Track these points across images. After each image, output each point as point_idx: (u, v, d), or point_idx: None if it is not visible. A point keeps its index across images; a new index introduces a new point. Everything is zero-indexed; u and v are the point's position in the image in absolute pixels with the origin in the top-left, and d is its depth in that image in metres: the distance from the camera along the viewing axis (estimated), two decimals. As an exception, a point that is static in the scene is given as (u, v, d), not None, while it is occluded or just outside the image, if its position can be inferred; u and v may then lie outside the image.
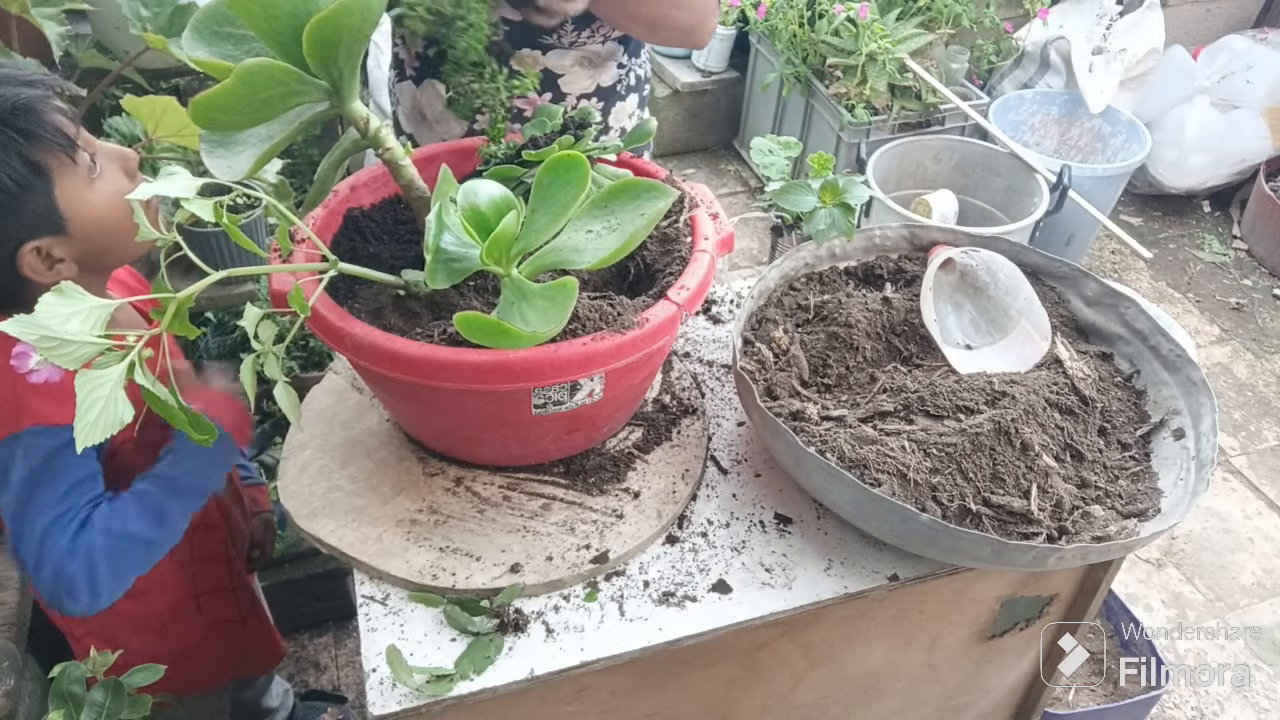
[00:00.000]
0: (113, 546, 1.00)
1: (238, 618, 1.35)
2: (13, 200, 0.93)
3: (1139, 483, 1.11)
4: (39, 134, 0.93)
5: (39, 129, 0.93)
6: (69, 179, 0.97)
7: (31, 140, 0.93)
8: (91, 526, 1.00)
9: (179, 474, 1.07)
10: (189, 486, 1.07)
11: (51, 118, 0.95)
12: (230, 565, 1.33)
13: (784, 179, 1.34)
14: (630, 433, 1.22)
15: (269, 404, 1.92)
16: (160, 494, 1.05)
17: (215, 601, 1.31)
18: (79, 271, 1.00)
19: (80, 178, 0.98)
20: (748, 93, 3.61)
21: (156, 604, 1.24)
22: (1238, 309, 3.16)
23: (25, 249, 0.95)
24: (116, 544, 1.01)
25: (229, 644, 1.35)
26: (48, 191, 0.95)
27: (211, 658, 1.31)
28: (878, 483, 1.02)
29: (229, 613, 1.33)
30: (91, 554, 0.99)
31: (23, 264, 0.96)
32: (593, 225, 0.95)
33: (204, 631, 1.29)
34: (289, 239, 1.01)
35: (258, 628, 1.41)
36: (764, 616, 1.04)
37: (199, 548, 1.27)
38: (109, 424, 0.76)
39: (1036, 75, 3.37)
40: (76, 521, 1.00)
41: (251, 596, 1.39)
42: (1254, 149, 3.37)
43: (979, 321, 1.31)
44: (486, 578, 1.04)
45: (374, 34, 0.92)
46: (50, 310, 0.75)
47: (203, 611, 1.29)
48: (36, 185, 0.94)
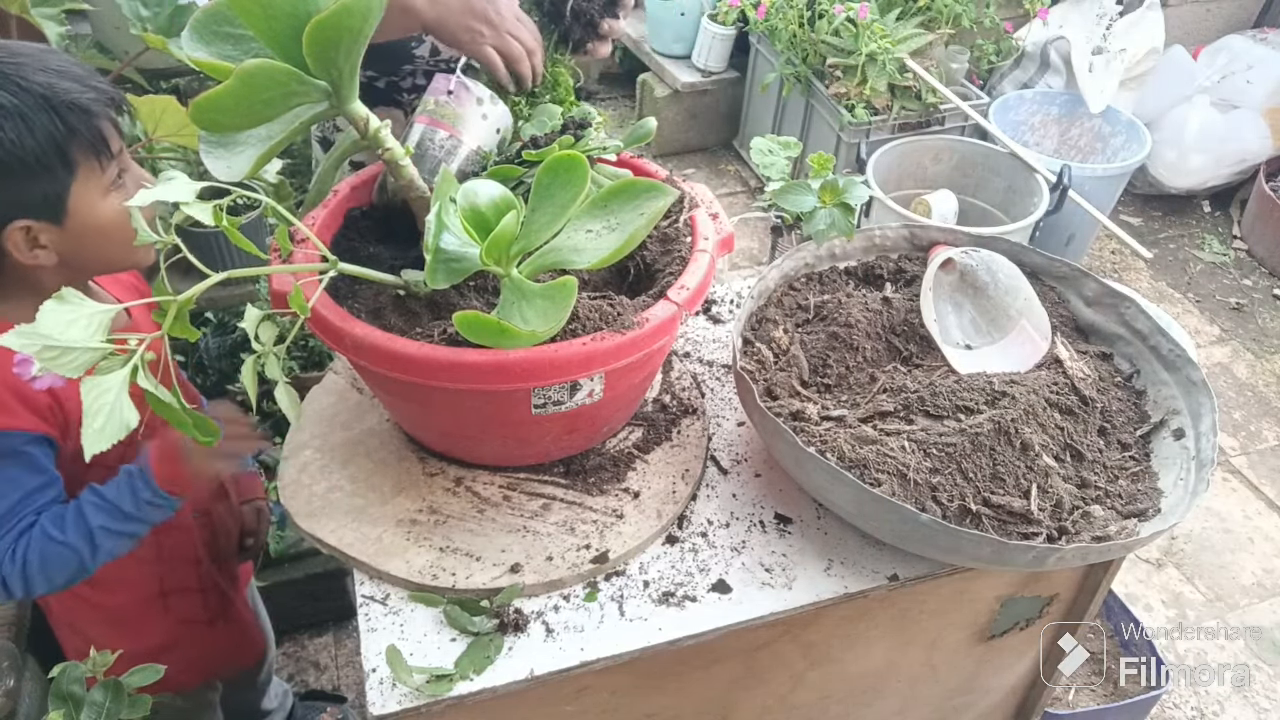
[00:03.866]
0: (46, 550, 1.03)
1: (205, 619, 1.33)
2: (29, 177, 0.96)
3: (1139, 483, 1.11)
4: (81, 132, 0.97)
5: (83, 128, 0.97)
6: (89, 181, 1.00)
7: (73, 135, 0.97)
8: (33, 529, 1.03)
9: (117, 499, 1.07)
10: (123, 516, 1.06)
11: (99, 124, 0.99)
12: (199, 566, 1.31)
13: (784, 179, 1.34)
14: (630, 433, 1.22)
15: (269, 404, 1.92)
16: (94, 514, 1.05)
17: (183, 601, 1.30)
18: (56, 263, 1.02)
19: (100, 184, 1.01)
20: (748, 93, 3.61)
21: (119, 598, 1.24)
22: (1238, 309, 3.16)
23: (16, 225, 0.98)
24: (50, 548, 1.03)
25: (198, 645, 1.33)
26: (65, 184, 0.98)
27: (180, 659, 1.29)
28: (878, 483, 1.02)
29: (196, 614, 1.32)
30: (28, 554, 1.03)
31: (7, 237, 0.98)
32: (592, 225, 0.95)
33: (171, 631, 1.28)
34: (289, 239, 1.01)
35: (228, 630, 1.38)
36: (764, 616, 1.04)
37: (167, 547, 1.26)
38: (116, 430, 0.76)
39: (1036, 75, 3.37)
40: (21, 525, 1.03)
41: (223, 598, 1.37)
42: (1254, 149, 3.37)
43: (979, 321, 1.31)
44: (486, 578, 1.04)
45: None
46: (51, 318, 0.75)
47: (169, 611, 1.28)
48: (58, 174, 0.97)
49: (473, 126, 1.16)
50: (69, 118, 0.96)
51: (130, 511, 1.06)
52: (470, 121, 1.16)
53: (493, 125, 1.18)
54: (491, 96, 1.19)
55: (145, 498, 1.05)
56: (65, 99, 0.96)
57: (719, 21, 3.44)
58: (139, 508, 1.06)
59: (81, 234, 1.01)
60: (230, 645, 1.42)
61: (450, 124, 1.15)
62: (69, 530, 1.04)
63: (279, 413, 0.99)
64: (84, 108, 0.97)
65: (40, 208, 0.98)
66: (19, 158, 0.94)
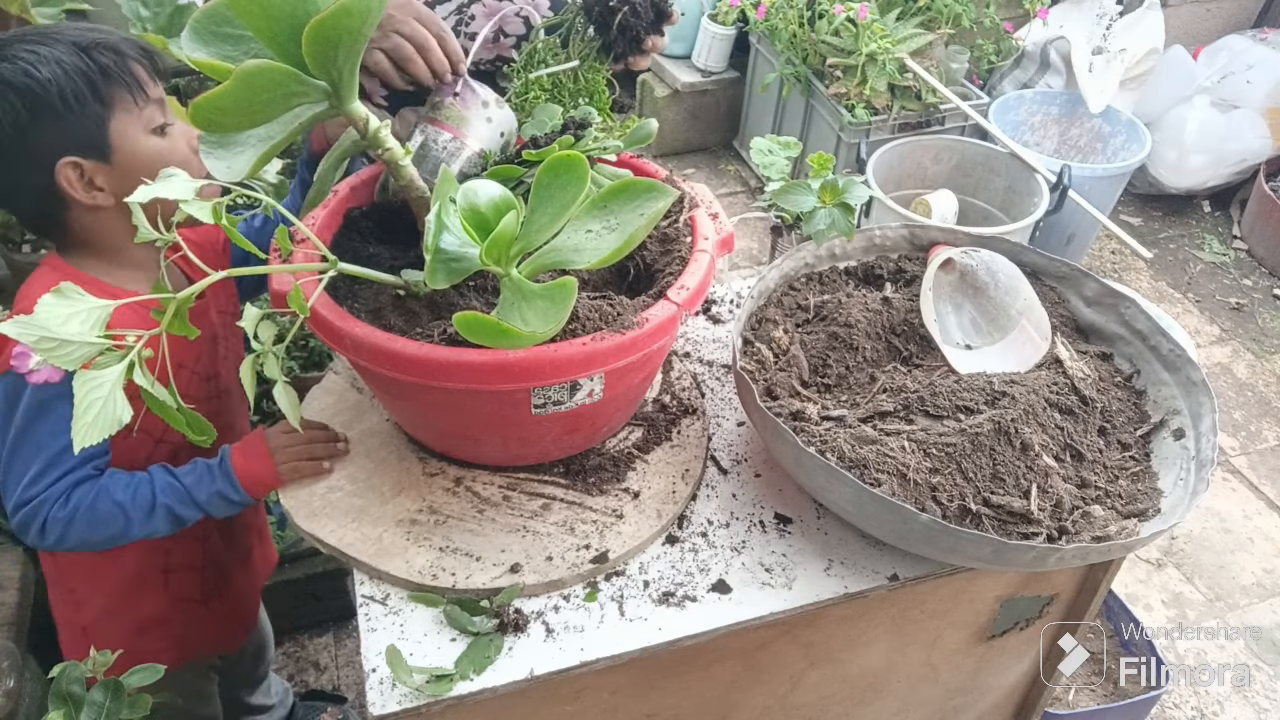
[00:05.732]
0: (100, 508, 1.06)
1: (200, 597, 1.33)
2: (67, 113, 1.01)
3: (1139, 483, 1.11)
4: (112, 70, 1.03)
5: (115, 65, 1.04)
6: (127, 117, 1.05)
7: (105, 73, 1.03)
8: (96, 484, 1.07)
9: (192, 486, 1.11)
10: (191, 502, 1.11)
11: (131, 65, 1.05)
12: (205, 543, 1.32)
13: (784, 179, 1.34)
14: (630, 433, 1.22)
15: (269, 404, 1.92)
16: (164, 492, 1.09)
17: (183, 579, 1.30)
18: (115, 205, 1.06)
19: (140, 121, 1.06)
20: (748, 93, 3.61)
21: (127, 567, 1.24)
22: (1238, 309, 3.16)
23: (64, 161, 1.02)
24: (106, 506, 1.06)
25: (187, 623, 1.33)
26: (102, 119, 1.04)
27: (167, 634, 1.29)
28: (878, 483, 1.02)
29: (193, 592, 1.32)
30: (80, 504, 1.05)
31: (60, 176, 1.03)
32: (592, 225, 0.95)
33: (166, 606, 1.29)
34: (289, 239, 1.01)
35: (220, 609, 1.38)
36: (764, 616, 1.04)
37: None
38: (106, 425, 0.76)
39: (1036, 75, 3.37)
40: (78, 475, 1.06)
41: (220, 575, 1.37)
42: (1254, 149, 3.37)
43: (979, 321, 1.31)
44: (486, 578, 1.04)
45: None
46: (49, 311, 0.75)
47: (169, 587, 1.28)
48: (94, 110, 1.03)
49: (477, 129, 1.16)
50: (99, 57, 1.02)
51: (201, 500, 1.10)
52: (474, 124, 1.16)
53: (497, 128, 1.18)
54: (498, 100, 1.19)
55: (221, 491, 1.10)
56: (95, 40, 1.03)
57: (719, 21, 3.44)
58: (210, 500, 1.11)
59: (129, 170, 1.04)
60: (218, 624, 1.41)
61: (454, 126, 1.15)
62: (133, 497, 1.08)
63: (279, 412, 0.99)
64: (114, 48, 1.04)
65: (84, 145, 1.03)
66: (56, 95, 1.00)
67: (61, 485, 1.05)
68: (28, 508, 1.05)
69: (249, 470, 1.10)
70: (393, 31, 1.13)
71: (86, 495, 1.06)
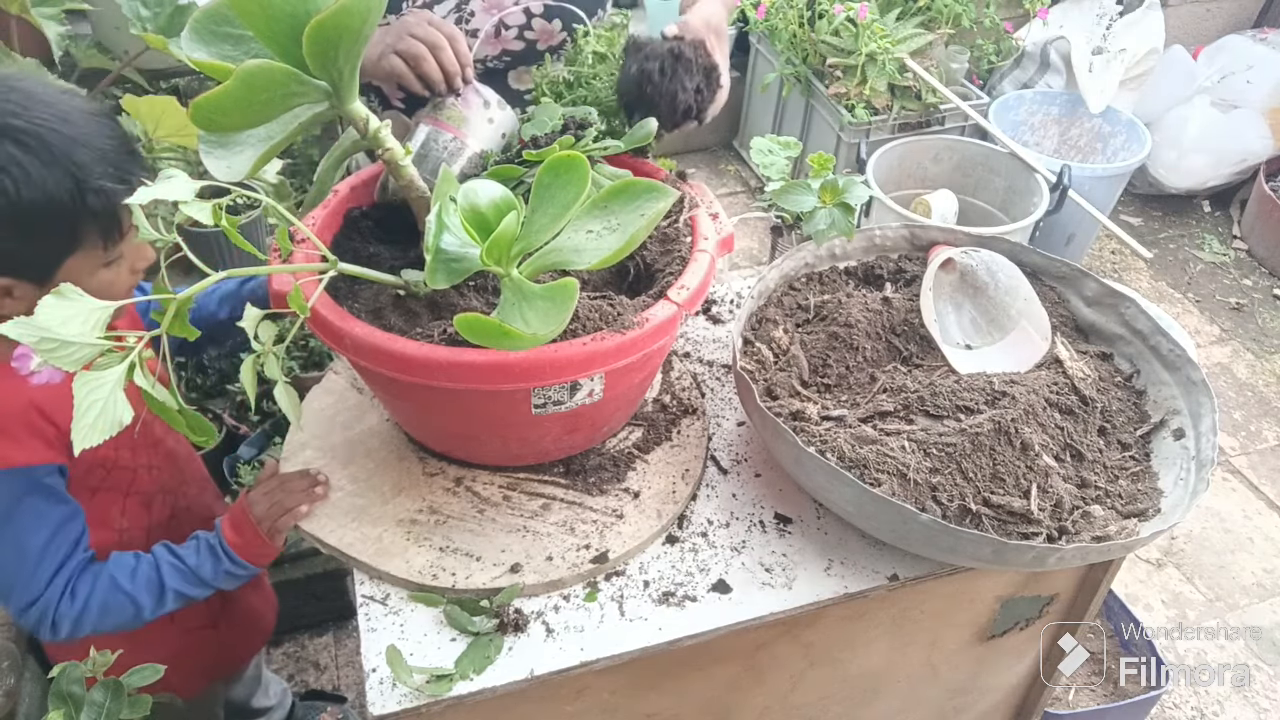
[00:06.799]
0: (111, 599, 1.07)
1: (208, 624, 1.34)
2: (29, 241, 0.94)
3: (1139, 483, 1.11)
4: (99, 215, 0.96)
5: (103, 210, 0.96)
6: (87, 257, 0.99)
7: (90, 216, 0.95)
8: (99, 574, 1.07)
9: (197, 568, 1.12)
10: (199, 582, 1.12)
11: (122, 215, 0.98)
12: None
13: (784, 179, 1.34)
14: (630, 433, 1.22)
15: (269, 404, 1.92)
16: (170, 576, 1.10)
17: (187, 612, 1.30)
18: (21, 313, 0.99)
19: (98, 259, 1.00)
20: (747, 92, 3.60)
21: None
22: (1238, 309, 3.16)
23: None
24: (116, 597, 1.07)
25: (202, 650, 1.34)
26: (62, 255, 0.97)
27: (187, 666, 1.29)
28: (878, 483, 1.02)
29: (200, 620, 1.32)
30: (90, 598, 1.06)
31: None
32: (593, 225, 0.95)
33: (176, 641, 1.29)
34: (289, 239, 1.01)
35: (230, 629, 1.38)
36: (764, 616, 1.04)
37: None
38: (108, 426, 0.76)
39: (1036, 75, 3.37)
40: (73, 565, 1.05)
41: (222, 597, 1.37)
42: (1254, 149, 3.36)
43: (979, 321, 1.31)
44: (486, 578, 1.04)
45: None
46: (50, 312, 0.75)
47: (174, 621, 1.28)
48: (59, 245, 0.96)
49: (478, 130, 1.16)
50: (91, 200, 0.94)
51: (208, 579, 1.12)
52: (476, 124, 1.16)
53: (498, 130, 1.18)
54: (499, 101, 1.19)
55: (226, 569, 1.11)
56: (95, 187, 0.94)
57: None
58: (217, 576, 1.12)
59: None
60: (233, 641, 1.42)
61: (456, 126, 1.15)
62: (140, 585, 1.08)
63: (279, 413, 0.99)
64: (109, 197, 0.95)
65: (28, 270, 0.96)
66: (30, 222, 0.92)
67: (59, 581, 1.04)
68: (33, 610, 1.04)
69: (243, 544, 1.11)
70: (407, 34, 1.17)
71: (91, 586, 1.06)
